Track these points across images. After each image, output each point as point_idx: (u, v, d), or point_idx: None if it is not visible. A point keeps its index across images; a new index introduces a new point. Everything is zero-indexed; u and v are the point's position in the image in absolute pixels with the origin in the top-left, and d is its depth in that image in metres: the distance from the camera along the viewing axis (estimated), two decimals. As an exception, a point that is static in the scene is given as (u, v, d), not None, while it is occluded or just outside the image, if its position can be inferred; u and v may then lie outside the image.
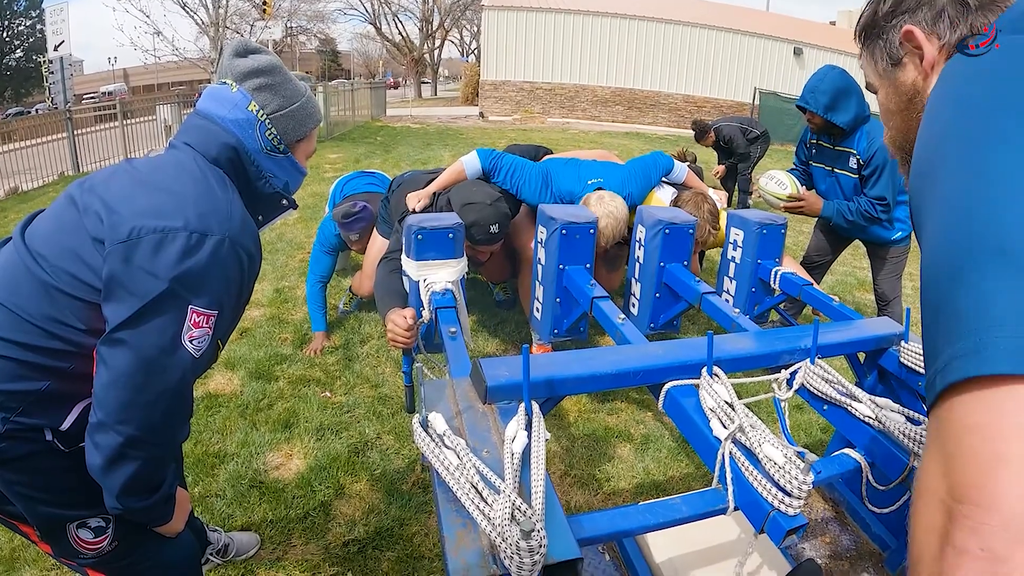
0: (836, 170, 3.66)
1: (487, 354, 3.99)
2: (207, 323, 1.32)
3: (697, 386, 1.63)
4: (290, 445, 2.97)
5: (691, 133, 8.76)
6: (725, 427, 1.39)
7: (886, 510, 1.71)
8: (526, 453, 1.25)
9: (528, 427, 1.33)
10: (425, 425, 1.30)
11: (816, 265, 4.13)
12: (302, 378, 3.60)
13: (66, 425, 1.34)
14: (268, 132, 1.49)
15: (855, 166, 3.53)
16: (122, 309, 1.24)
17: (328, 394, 3.45)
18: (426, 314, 2.39)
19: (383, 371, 3.73)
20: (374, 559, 2.35)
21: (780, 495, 1.23)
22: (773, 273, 3.02)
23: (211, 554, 2.24)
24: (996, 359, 0.60)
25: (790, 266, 3.15)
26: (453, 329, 2.08)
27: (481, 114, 23.17)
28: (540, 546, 0.97)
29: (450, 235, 2.52)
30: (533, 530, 0.97)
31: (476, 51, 40.57)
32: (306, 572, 2.27)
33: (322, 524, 2.50)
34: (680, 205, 3.31)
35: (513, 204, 3.42)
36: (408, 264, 2.54)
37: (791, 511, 1.22)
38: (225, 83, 1.51)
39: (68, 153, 10.29)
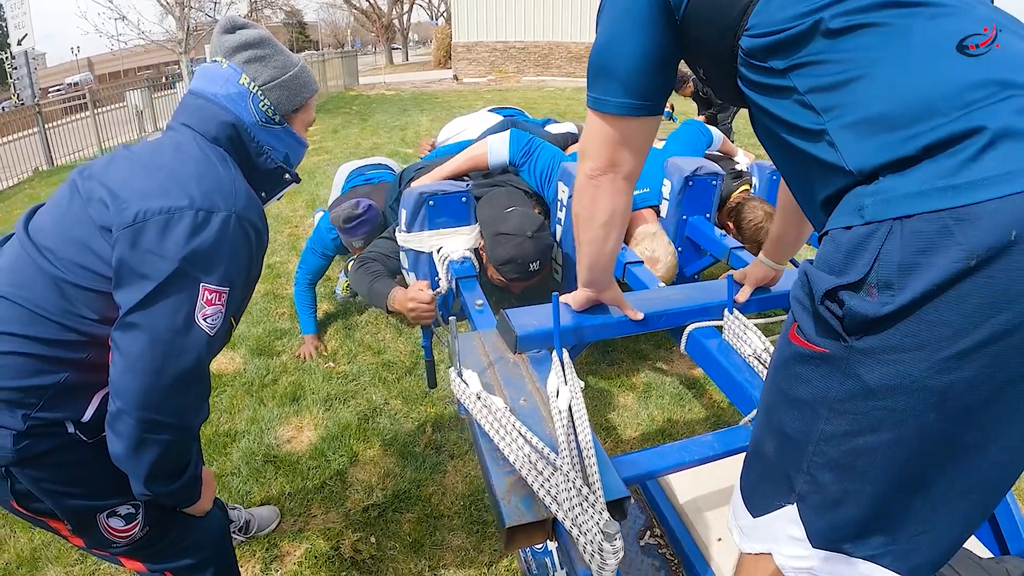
0: None
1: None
2: (219, 300, 1.31)
3: (719, 328, 1.66)
4: (299, 418, 2.98)
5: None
6: None
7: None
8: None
9: (564, 379, 1.36)
10: (463, 379, 1.33)
11: None
12: (304, 351, 3.60)
13: (87, 416, 1.33)
14: (261, 103, 1.47)
15: None
16: (134, 293, 1.23)
17: (332, 364, 3.46)
18: (444, 284, 2.32)
19: (383, 338, 3.74)
20: (395, 522, 2.38)
21: None
22: None
23: (233, 532, 2.25)
24: (597, 101, 1.26)
25: None
26: (480, 301, 2.02)
27: (455, 77, 22.89)
28: (617, 541, 0.99)
29: (463, 199, 2.42)
30: (617, 534, 0.98)
31: (445, 13, 39.85)
32: (330, 540, 2.30)
33: (340, 492, 2.53)
34: (743, 211, 3.10)
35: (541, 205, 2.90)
36: (414, 237, 2.42)
37: None
38: (216, 61, 1.49)
39: (40, 148, 10.10)
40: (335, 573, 2.19)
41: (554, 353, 1.43)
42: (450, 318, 1.33)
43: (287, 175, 1.60)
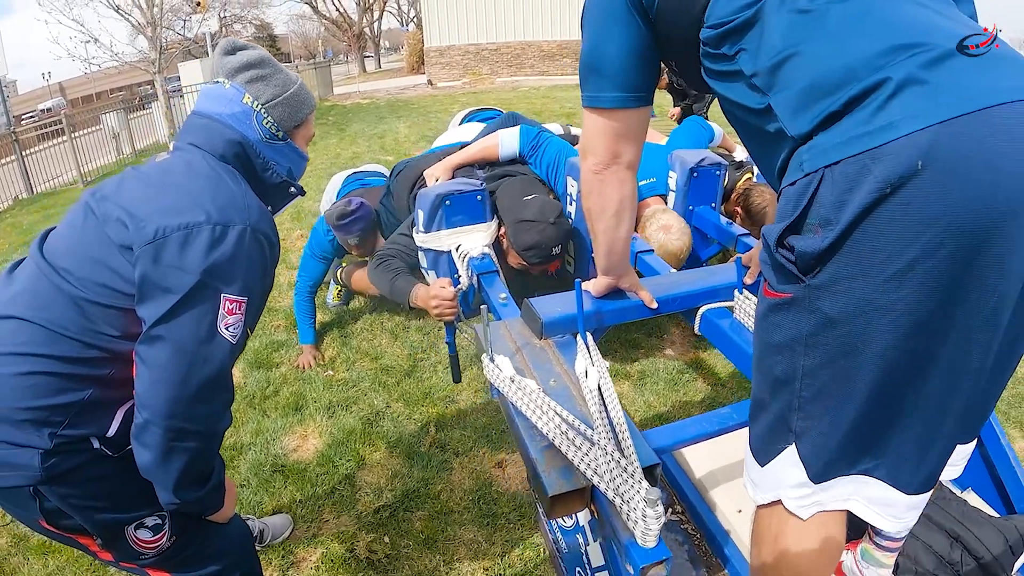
0: None
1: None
2: (239, 309, 1.37)
3: (730, 308, 1.77)
4: (304, 427, 3.02)
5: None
6: None
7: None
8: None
9: (591, 360, 1.46)
10: (496, 364, 1.43)
11: None
12: (303, 361, 3.63)
13: (112, 431, 1.37)
14: (265, 121, 1.52)
15: None
16: (157, 307, 1.28)
17: (331, 372, 3.50)
18: (465, 281, 2.40)
19: (380, 343, 3.78)
20: (406, 520, 2.43)
21: None
22: None
23: (248, 542, 2.29)
24: (593, 99, 1.39)
25: None
26: (503, 295, 2.10)
27: (429, 82, 22.88)
28: (659, 507, 1.06)
29: (479, 197, 2.51)
30: (659, 500, 1.05)
31: (415, 19, 39.87)
32: (344, 543, 2.35)
33: (350, 496, 2.57)
34: (751, 196, 3.21)
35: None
36: (432, 237, 2.49)
37: None
38: (218, 82, 1.54)
39: (19, 176, 10.03)
40: (352, 574, 2.23)
41: (579, 337, 1.53)
42: (481, 307, 1.42)
43: (292, 188, 1.65)
